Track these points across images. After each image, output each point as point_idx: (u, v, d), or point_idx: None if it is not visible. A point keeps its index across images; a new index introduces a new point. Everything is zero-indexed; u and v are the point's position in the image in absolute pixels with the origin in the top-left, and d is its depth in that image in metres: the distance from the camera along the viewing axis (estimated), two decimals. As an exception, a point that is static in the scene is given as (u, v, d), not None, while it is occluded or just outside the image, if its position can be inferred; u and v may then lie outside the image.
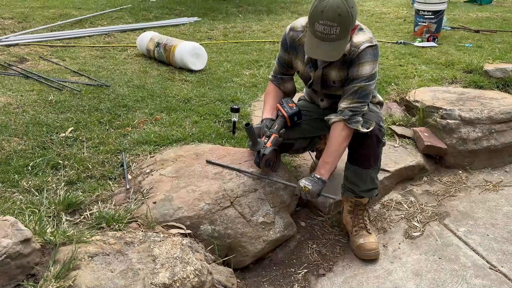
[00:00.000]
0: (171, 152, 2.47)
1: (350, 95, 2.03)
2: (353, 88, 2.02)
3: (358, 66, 2.01)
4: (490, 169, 3.04)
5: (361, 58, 2.00)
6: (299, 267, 2.15)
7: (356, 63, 2.01)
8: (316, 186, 2.02)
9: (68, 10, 6.71)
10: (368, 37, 2.02)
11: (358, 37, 2.02)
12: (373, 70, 2.02)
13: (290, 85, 2.36)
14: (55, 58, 4.35)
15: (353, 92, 2.02)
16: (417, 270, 2.12)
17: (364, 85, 2.01)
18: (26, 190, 2.12)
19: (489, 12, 7.64)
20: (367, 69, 2.00)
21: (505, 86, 3.71)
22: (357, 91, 2.02)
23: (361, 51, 1.99)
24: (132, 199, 2.09)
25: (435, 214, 2.54)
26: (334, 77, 2.11)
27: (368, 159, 2.11)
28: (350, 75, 2.04)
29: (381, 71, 4.11)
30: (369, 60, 2.00)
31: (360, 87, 2.01)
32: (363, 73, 2.00)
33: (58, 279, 1.48)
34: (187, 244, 1.79)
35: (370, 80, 2.02)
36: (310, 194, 2.02)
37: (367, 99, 2.05)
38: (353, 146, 2.13)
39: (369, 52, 2.00)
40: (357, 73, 2.01)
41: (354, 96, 2.02)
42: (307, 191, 2.01)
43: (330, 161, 2.06)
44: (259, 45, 5.20)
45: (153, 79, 3.86)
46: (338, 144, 2.05)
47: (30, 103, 3.12)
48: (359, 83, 2.01)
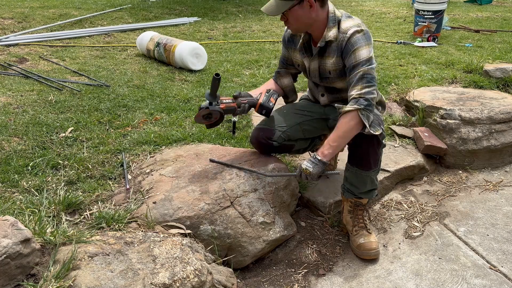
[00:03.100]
0: (171, 152, 2.47)
1: (357, 82, 2.00)
2: (358, 74, 1.99)
3: (354, 53, 2.00)
4: (490, 169, 3.04)
5: (354, 44, 2.00)
6: (299, 267, 2.15)
7: (350, 51, 2.01)
8: (317, 168, 1.99)
9: (68, 10, 6.71)
10: (356, 22, 2.04)
11: (346, 23, 2.04)
12: (370, 53, 2.01)
13: (286, 80, 2.38)
14: (55, 58, 4.35)
15: (359, 78, 1.99)
16: (417, 270, 2.12)
17: (367, 68, 1.99)
18: (26, 190, 2.12)
19: (489, 12, 7.64)
20: (364, 53, 1.99)
21: (505, 86, 3.71)
22: (363, 76, 1.99)
23: (349, 37, 2.00)
24: (132, 199, 2.09)
25: (435, 214, 2.54)
26: (329, 67, 2.13)
27: (368, 161, 2.11)
28: (349, 63, 2.03)
29: (381, 71, 4.11)
30: (363, 44, 2.00)
31: (364, 72, 1.99)
32: (361, 58, 1.99)
33: (58, 279, 1.48)
34: (187, 244, 1.79)
35: (371, 63, 2.00)
36: (311, 176, 2.00)
37: (375, 83, 2.02)
38: (354, 148, 2.13)
39: (360, 37, 2.00)
40: (355, 59, 2.00)
41: (362, 82, 1.99)
42: (308, 173, 1.99)
43: (335, 145, 2.01)
44: (259, 45, 5.20)
45: (153, 79, 3.86)
46: (347, 131, 2.00)
47: (30, 103, 3.12)
48: (362, 68, 1.99)
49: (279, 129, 2.26)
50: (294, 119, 2.32)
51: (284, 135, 2.26)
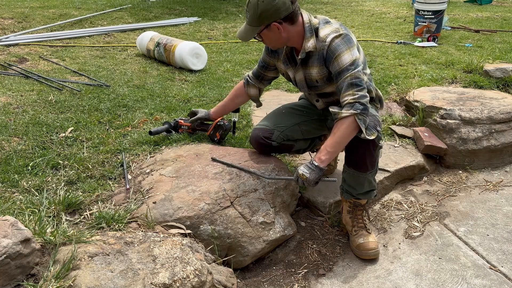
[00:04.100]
0: (171, 152, 2.47)
1: (347, 88, 1.98)
2: (346, 80, 1.98)
3: (336, 60, 2.00)
4: (490, 169, 3.04)
5: (335, 51, 1.99)
6: (299, 267, 2.15)
7: (332, 58, 2.01)
8: (314, 174, 1.97)
9: (68, 10, 6.72)
10: (333, 28, 2.03)
11: (323, 30, 2.04)
12: (353, 56, 1.99)
13: (253, 91, 2.48)
14: (55, 58, 4.35)
15: (349, 85, 1.98)
16: (417, 270, 2.12)
17: (354, 72, 1.98)
18: (26, 190, 2.12)
19: (489, 12, 7.64)
20: (347, 58, 1.98)
21: (505, 86, 3.71)
22: (352, 82, 1.97)
23: (329, 44, 2.00)
24: (132, 199, 2.09)
25: (435, 214, 2.54)
26: (315, 76, 2.13)
27: (365, 162, 2.10)
28: (334, 70, 2.02)
29: (381, 71, 4.11)
30: (344, 49, 1.99)
31: (351, 76, 1.97)
32: (345, 63, 1.98)
33: (58, 279, 1.48)
34: (187, 244, 1.78)
35: (356, 66, 1.99)
36: (308, 182, 1.99)
37: (364, 85, 2.01)
38: (350, 150, 2.12)
39: (339, 42, 2.00)
40: (339, 65, 1.99)
41: (353, 88, 1.97)
42: (305, 179, 1.98)
43: (332, 151, 2.00)
44: (259, 45, 5.20)
45: (153, 79, 3.86)
46: (344, 136, 1.99)
47: (30, 103, 3.12)
48: (348, 73, 1.98)
49: (277, 129, 2.26)
50: (292, 119, 2.32)
51: (283, 135, 2.26)
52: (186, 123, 2.71)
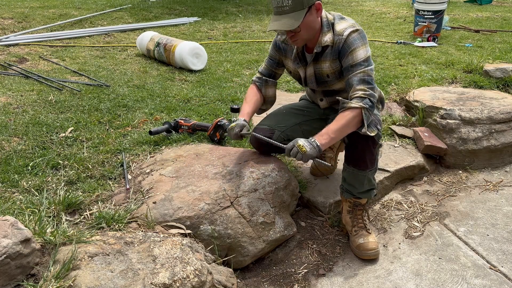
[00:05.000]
0: (171, 152, 2.47)
1: (359, 83, 1.99)
2: (358, 75, 1.99)
3: (351, 54, 2.01)
4: (490, 169, 3.04)
5: (351, 45, 2.01)
6: (299, 267, 2.15)
7: (347, 51, 2.01)
8: (313, 150, 1.93)
9: (68, 10, 6.72)
10: (350, 23, 2.05)
11: (340, 25, 2.05)
12: (367, 53, 2.02)
13: (271, 91, 2.35)
14: (55, 58, 4.35)
15: (361, 80, 1.99)
16: (417, 270, 2.12)
17: (366, 69, 2.00)
18: (26, 190, 2.12)
19: (489, 12, 7.64)
20: (362, 53, 2.00)
21: (505, 86, 3.71)
22: (364, 79, 1.99)
23: (346, 37, 2.01)
24: (132, 199, 2.09)
25: (435, 214, 2.54)
26: (327, 70, 2.12)
27: (365, 160, 2.11)
28: (346, 64, 2.03)
29: (381, 71, 4.11)
30: (360, 44, 2.01)
31: (364, 73, 1.99)
32: (359, 58, 2.00)
33: (58, 279, 1.48)
34: (187, 244, 1.78)
35: (369, 64, 2.01)
36: (305, 156, 1.92)
37: (374, 84, 2.03)
38: (350, 148, 2.12)
39: (356, 37, 2.01)
40: (353, 59, 2.00)
41: (365, 84, 1.99)
42: (303, 152, 1.91)
43: (333, 137, 1.98)
44: (259, 45, 5.20)
45: (153, 79, 3.86)
46: (347, 125, 1.98)
47: (30, 103, 3.12)
48: (362, 68, 1.99)
49: (278, 129, 2.26)
50: (293, 119, 2.32)
51: (283, 135, 2.26)
52: (186, 123, 2.72)
